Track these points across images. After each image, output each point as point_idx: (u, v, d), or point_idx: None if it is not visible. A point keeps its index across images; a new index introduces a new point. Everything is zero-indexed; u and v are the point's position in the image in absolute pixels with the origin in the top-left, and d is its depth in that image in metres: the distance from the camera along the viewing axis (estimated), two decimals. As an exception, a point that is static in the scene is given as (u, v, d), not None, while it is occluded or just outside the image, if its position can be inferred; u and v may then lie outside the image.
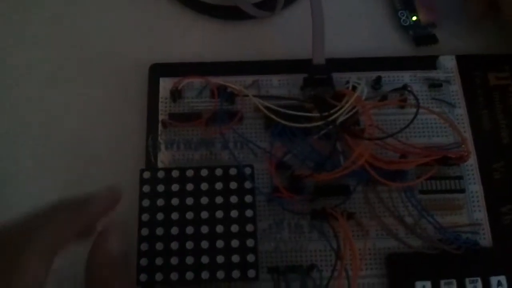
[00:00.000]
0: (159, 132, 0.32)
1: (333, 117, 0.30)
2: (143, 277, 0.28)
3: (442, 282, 0.29)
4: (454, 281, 0.29)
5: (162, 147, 0.31)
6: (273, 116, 0.30)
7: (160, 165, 0.31)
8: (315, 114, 0.30)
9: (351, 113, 0.30)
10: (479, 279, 0.29)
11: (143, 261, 0.28)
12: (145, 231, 0.28)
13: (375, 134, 0.30)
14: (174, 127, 0.32)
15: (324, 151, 0.30)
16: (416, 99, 0.30)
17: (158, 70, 0.34)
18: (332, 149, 0.29)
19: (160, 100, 0.33)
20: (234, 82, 0.33)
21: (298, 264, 0.29)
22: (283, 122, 0.30)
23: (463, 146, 0.31)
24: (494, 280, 0.29)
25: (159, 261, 0.28)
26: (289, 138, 0.30)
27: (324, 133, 0.30)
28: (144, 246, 0.28)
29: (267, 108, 0.31)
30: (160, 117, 0.32)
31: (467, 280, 0.29)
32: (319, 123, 0.30)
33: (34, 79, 0.35)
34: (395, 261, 0.30)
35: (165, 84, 0.33)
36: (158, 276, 0.28)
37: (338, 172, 0.28)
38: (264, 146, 0.32)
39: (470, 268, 0.29)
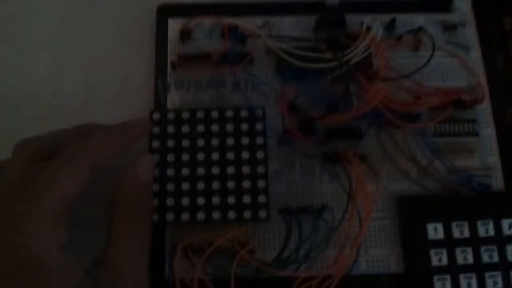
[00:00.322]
0: (168, 74, 0.31)
1: (347, 58, 0.29)
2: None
3: (454, 224, 0.29)
4: (466, 223, 0.29)
5: (172, 88, 0.31)
6: (285, 57, 0.30)
7: (170, 107, 0.31)
8: (328, 55, 0.30)
9: (365, 54, 0.30)
10: (491, 221, 0.29)
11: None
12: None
13: (389, 76, 0.30)
14: (183, 69, 0.31)
15: (336, 93, 0.30)
16: (432, 40, 0.30)
17: (167, 11, 0.33)
18: (345, 90, 0.29)
19: (169, 41, 0.33)
20: (245, 24, 0.32)
21: (309, 206, 0.29)
22: (295, 63, 0.29)
23: (477, 88, 0.30)
24: (505, 222, 0.29)
25: (170, 201, 0.28)
26: (301, 80, 0.29)
27: (337, 74, 0.29)
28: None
29: (280, 49, 0.30)
30: (169, 59, 0.32)
31: (478, 222, 0.29)
32: (332, 64, 0.29)
33: (43, 22, 0.34)
34: (406, 203, 0.30)
35: (174, 25, 0.33)
36: (169, 216, 0.28)
37: (351, 113, 0.28)
38: (276, 88, 0.31)
39: (482, 211, 0.29)
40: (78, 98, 0.33)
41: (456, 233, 0.29)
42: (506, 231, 0.29)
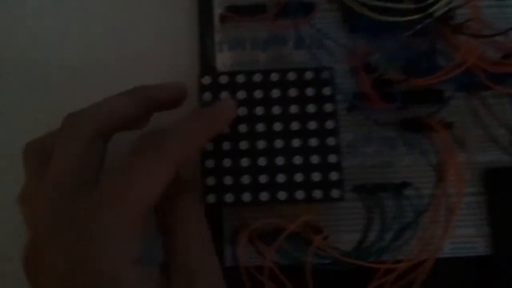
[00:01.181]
0: (216, 29, 0.27)
1: (432, 9, 0.25)
2: (211, 198, 0.24)
3: (551, 200, 0.25)
4: None
5: (224, 46, 0.27)
6: (357, 8, 0.25)
7: (220, 69, 0.27)
8: (408, 5, 0.25)
9: (452, 4, 0.25)
10: None
11: (210, 180, 0.24)
12: (209, 146, 0.24)
13: (479, 30, 0.26)
14: (234, 23, 0.27)
15: (416, 51, 0.25)
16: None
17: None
18: (430, 48, 0.25)
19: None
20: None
21: (388, 182, 0.25)
22: (369, 14, 0.25)
23: None
24: None
25: (228, 180, 0.24)
26: (375, 35, 0.25)
27: (419, 28, 0.25)
28: (209, 163, 0.24)
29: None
30: (216, 12, 0.27)
31: None
32: (414, 16, 0.25)
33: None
34: (496, 176, 0.26)
35: (220, -29, 0.28)
36: (228, 197, 0.24)
37: (440, 76, 0.24)
38: (345, 45, 0.27)
39: None
40: (108, 61, 0.28)
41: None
42: None
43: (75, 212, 0.19)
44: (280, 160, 0.24)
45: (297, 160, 0.24)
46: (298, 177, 0.24)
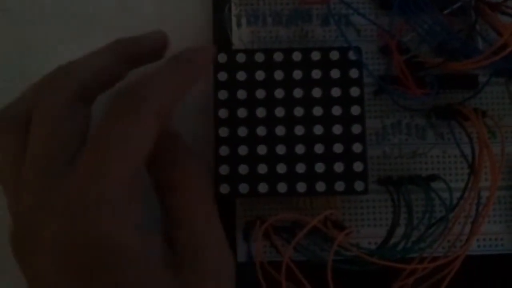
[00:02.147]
0: (233, 1, 0.25)
1: (473, -16, 0.22)
2: (224, 188, 0.22)
3: None
4: None
5: (242, 21, 0.24)
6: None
7: (237, 46, 0.25)
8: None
9: (495, -22, 0.23)
10: None
11: (224, 169, 0.22)
12: (223, 132, 0.23)
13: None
14: (252, -5, 0.25)
15: (455, 31, 0.23)
16: None
17: None
18: (470, 29, 0.22)
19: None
20: None
21: (416, 174, 0.24)
22: (403, -10, 0.23)
23: None
24: None
25: (243, 169, 0.22)
26: (411, 11, 0.23)
27: (459, 6, 0.23)
28: (223, 151, 0.22)
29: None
30: (233, -18, 0.25)
31: None
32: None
33: None
34: (528, 171, 0.24)
35: None
36: (243, 188, 0.22)
37: (480, 60, 0.21)
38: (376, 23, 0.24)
39: None
40: (112, 32, 0.25)
41: None
42: None
43: (62, 184, 0.18)
44: (300, 149, 0.22)
45: (319, 149, 0.22)
46: (319, 168, 0.22)
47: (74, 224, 0.18)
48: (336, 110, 0.23)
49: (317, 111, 0.23)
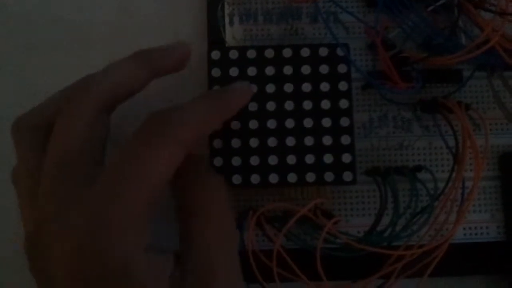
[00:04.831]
0: (226, 0, 0.25)
1: (457, -19, 0.23)
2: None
3: None
4: None
5: (235, 19, 0.25)
6: (376, -20, 0.24)
7: (230, 43, 0.25)
8: (431, -23, 0.24)
9: (477, -24, 0.24)
10: None
11: (217, 161, 0.23)
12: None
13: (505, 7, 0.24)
14: (244, -6, 0.26)
15: (438, 27, 0.24)
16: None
17: None
18: (453, 24, 0.23)
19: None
20: None
21: (402, 165, 0.24)
22: (388, -13, 0.24)
23: None
24: None
25: (236, 161, 0.23)
26: (396, 9, 0.23)
27: (442, 3, 0.24)
28: (217, 143, 0.23)
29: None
30: (225, -19, 0.26)
31: None
32: (436, -10, 0.23)
33: None
34: (511, 161, 0.25)
35: None
36: (236, 179, 0.23)
37: (462, 55, 0.22)
38: (363, 20, 0.25)
39: None
40: (111, 29, 0.26)
41: None
42: None
43: (82, 199, 0.18)
44: (291, 141, 0.23)
45: (309, 141, 0.23)
46: (309, 159, 0.23)
47: (90, 242, 0.18)
48: (325, 104, 0.23)
49: (307, 105, 0.23)
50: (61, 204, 0.19)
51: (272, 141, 0.23)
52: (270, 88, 0.24)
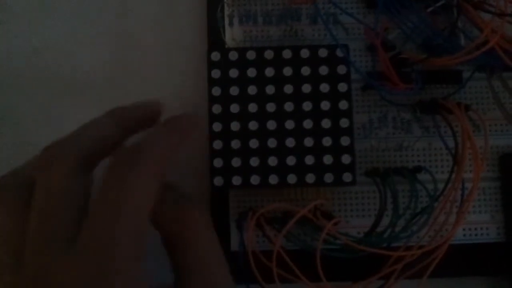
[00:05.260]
0: (226, 2, 0.25)
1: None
2: (218, 180, 0.23)
3: None
4: None
5: (234, 20, 0.25)
6: (375, -19, 0.24)
7: (230, 44, 0.25)
8: (430, -21, 0.24)
9: (477, -23, 0.24)
10: None
11: (217, 162, 0.23)
12: (217, 126, 0.23)
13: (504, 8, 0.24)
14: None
15: (438, 28, 0.24)
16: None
17: None
18: (452, 25, 0.23)
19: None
20: None
21: (402, 166, 0.24)
22: (388, -11, 0.24)
23: None
24: None
25: (236, 162, 0.23)
26: (396, 10, 0.24)
27: (441, 4, 0.24)
28: (217, 144, 0.23)
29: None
30: (225, -18, 0.26)
31: None
32: (436, -9, 0.24)
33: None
34: (511, 162, 0.25)
35: None
36: (236, 180, 0.23)
37: (461, 56, 0.22)
38: (362, 21, 0.25)
39: None
40: (111, 34, 0.26)
41: None
42: None
43: (69, 260, 0.18)
44: (290, 142, 0.23)
45: (308, 142, 0.23)
46: (309, 160, 0.23)
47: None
48: (325, 105, 0.23)
49: (307, 106, 0.23)
50: (44, 270, 0.18)
51: (272, 142, 0.23)
52: (270, 89, 0.24)
